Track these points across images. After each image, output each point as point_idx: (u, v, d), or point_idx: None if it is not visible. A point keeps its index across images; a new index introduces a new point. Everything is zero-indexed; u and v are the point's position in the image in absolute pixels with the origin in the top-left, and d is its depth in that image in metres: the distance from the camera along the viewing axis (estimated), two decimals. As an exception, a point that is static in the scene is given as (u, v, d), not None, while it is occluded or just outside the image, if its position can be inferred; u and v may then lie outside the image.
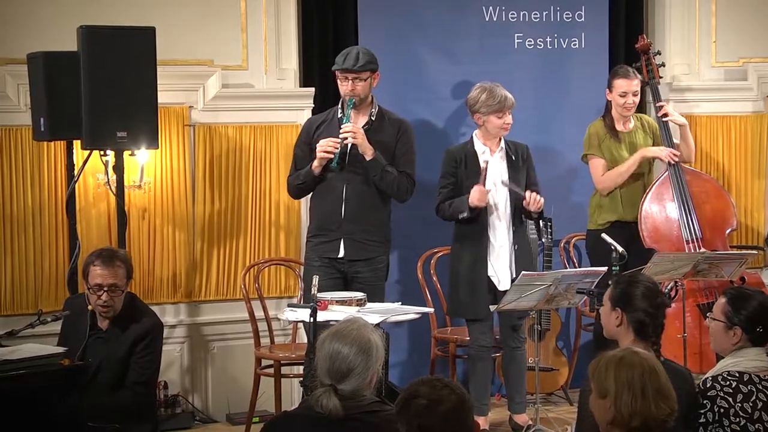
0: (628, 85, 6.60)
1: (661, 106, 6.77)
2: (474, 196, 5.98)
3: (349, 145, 5.89)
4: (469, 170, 6.12)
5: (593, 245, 6.60)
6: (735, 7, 7.60)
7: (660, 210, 6.58)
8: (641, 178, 6.70)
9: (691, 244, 6.50)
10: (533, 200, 6.01)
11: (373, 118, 6.02)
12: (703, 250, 6.32)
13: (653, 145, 6.73)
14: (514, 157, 6.18)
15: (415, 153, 6.13)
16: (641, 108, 7.05)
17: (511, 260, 6.11)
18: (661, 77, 6.91)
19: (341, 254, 5.96)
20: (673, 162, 6.55)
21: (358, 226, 5.98)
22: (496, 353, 6.46)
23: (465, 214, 6.04)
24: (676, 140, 6.77)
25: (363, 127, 5.95)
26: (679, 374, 3.94)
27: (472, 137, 6.23)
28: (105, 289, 5.00)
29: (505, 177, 6.13)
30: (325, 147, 5.87)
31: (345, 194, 5.95)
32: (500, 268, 6.10)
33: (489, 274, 6.10)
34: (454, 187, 6.14)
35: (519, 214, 6.18)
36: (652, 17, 7.59)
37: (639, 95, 6.68)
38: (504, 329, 6.21)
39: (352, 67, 5.90)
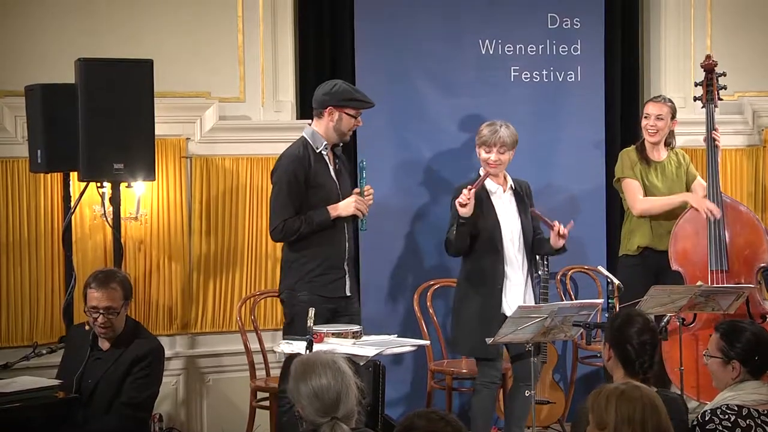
0: (651, 107, 6.64)
1: (715, 130, 6.74)
2: (460, 201, 5.79)
3: None
4: (481, 208, 5.96)
5: (623, 273, 6.41)
6: (730, 41, 7.62)
7: (693, 233, 6.57)
8: (675, 208, 6.67)
9: (715, 275, 6.46)
10: (562, 229, 5.89)
11: (338, 155, 5.96)
12: (699, 283, 6.19)
13: (686, 179, 6.74)
14: (521, 195, 6.13)
15: None
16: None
17: (525, 299, 5.99)
18: (721, 99, 6.87)
19: (348, 292, 5.86)
20: (711, 217, 6.49)
21: (353, 263, 5.96)
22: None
23: (457, 222, 5.84)
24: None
25: (336, 163, 5.89)
26: (671, 402, 3.93)
27: (479, 175, 6.11)
28: (101, 311, 5.01)
29: (516, 215, 6.05)
30: (363, 209, 5.78)
31: (347, 233, 5.85)
32: (514, 305, 5.87)
33: (504, 311, 5.92)
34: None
35: (531, 249, 6.07)
36: (648, 51, 7.62)
37: (664, 122, 6.64)
38: (517, 365, 6.02)
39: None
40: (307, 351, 4.88)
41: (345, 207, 5.76)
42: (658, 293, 5.80)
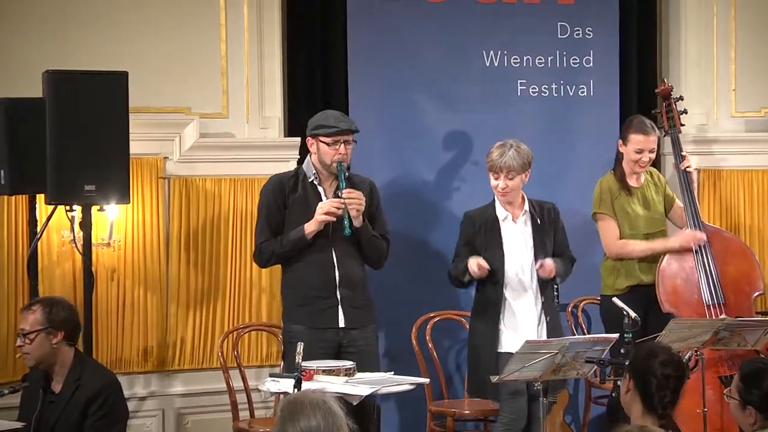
0: (645, 142, 6.39)
1: (684, 157, 6.56)
2: (473, 267, 5.72)
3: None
4: (488, 238, 5.83)
5: (608, 312, 6.30)
6: (757, 52, 7.49)
7: (679, 270, 6.35)
8: (660, 236, 6.46)
9: (712, 309, 6.25)
10: (547, 267, 5.74)
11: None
12: (723, 316, 6.03)
13: (665, 203, 6.56)
14: (539, 221, 5.92)
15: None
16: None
17: (540, 333, 5.79)
18: (683, 125, 6.72)
19: (342, 323, 5.69)
20: (697, 247, 6.31)
21: (353, 291, 5.77)
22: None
23: (466, 279, 5.79)
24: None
25: (337, 195, 5.75)
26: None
27: (493, 200, 5.96)
28: (18, 333, 4.89)
29: (530, 244, 5.86)
30: (329, 210, 5.60)
31: (336, 259, 5.71)
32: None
33: (499, 348, 5.75)
34: (471, 256, 5.82)
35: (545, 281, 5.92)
36: (667, 63, 7.50)
37: (655, 152, 6.48)
38: (532, 401, 5.83)
39: (353, 128, 5.73)
40: (295, 390, 4.71)
41: (315, 218, 5.66)
42: (678, 327, 5.56)
